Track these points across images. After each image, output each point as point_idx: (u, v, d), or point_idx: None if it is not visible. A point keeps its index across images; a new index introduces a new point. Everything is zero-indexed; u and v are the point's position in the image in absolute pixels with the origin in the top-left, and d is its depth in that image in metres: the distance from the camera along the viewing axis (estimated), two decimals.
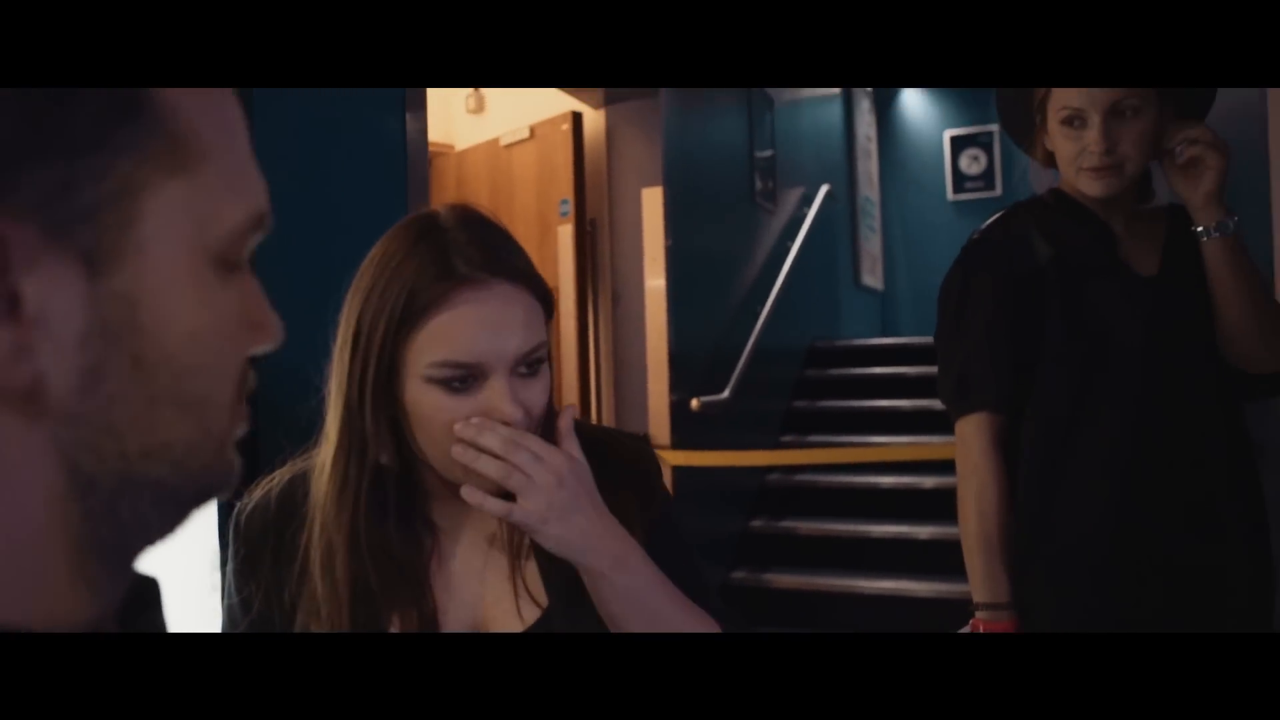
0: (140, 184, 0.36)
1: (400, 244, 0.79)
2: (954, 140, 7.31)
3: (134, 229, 0.36)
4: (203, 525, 1.36)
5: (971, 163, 7.29)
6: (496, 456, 0.76)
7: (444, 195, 3.68)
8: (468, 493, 0.77)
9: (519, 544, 0.85)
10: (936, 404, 4.97)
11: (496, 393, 0.76)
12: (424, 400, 0.77)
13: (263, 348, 0.43)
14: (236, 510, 0.87)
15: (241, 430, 0.43)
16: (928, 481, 3.92)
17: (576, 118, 3.36)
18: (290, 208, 1.66)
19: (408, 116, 2.01)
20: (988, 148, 7.21)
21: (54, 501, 0.36)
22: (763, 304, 4.30)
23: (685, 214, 3.53)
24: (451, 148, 3.91)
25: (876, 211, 7.34)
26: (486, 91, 3.92)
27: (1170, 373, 1.35)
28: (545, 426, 0.83)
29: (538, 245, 3.46)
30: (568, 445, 0.80)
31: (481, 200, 3.95)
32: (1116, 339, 1.36)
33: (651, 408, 3.41)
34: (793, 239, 4.91)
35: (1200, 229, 1.33)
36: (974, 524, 1.40)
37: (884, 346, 5.43)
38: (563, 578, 0.82)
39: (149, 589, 0.45)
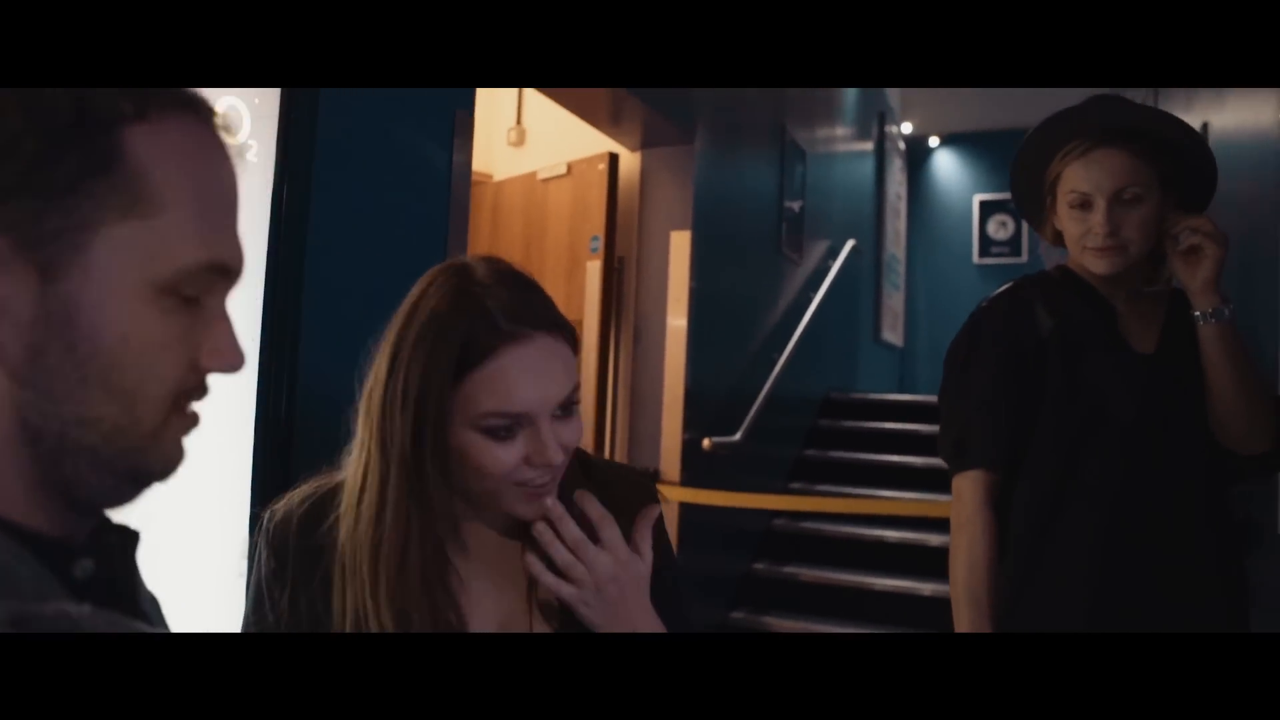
0: (98, 222, 0.49)
1: (441, 302, 0.85)
2: (983, 205, 7.39)
3: (85, 253, 0.49)
4: (232, 525, 1.44)
5: (999, 228, 7.37)
6: (567, 547, 0.87)
7: (481, 221, 3.80)
8: (530, 562, 0.88)
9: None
10: None
11: (541, 439, 0.84)
12: (472, 446, 0.84)
13: (222, 370, 0.55)
14: (265, 520, 0.93)
15: (188, 429, 0.55)
16: (934, 539, 3.95)
17: (613, 158, 3.47)
18: (344, 225, 1.76)
19: (455, 144, 2.12)
20: (1016, 214, 7.29)
21: (10, 441, 0.49)
22: (781, 351, 4.37)
23: (711, 258, 3.62)
24: (490, 177, 4.03)
25: (901, 269, 7.42)
26: (528, 127, 4.05)
27: (1158, 446, 1.41)
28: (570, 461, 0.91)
29: (566, 278, 3.56)
30: (641, 543, 0.90)
31: (516, 230, 4.04)
32: (1109, 410, 1.42)
33: (664, 444, 3.48)
34: (815, 290, 4.99)
35: (1197, 313, 1.40)
36: (963, 574, 1.46)
37: (899, 403, 5.48)
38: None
39: (125, 535, 0.57)
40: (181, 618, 1.29)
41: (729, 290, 3.89)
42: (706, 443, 3.48)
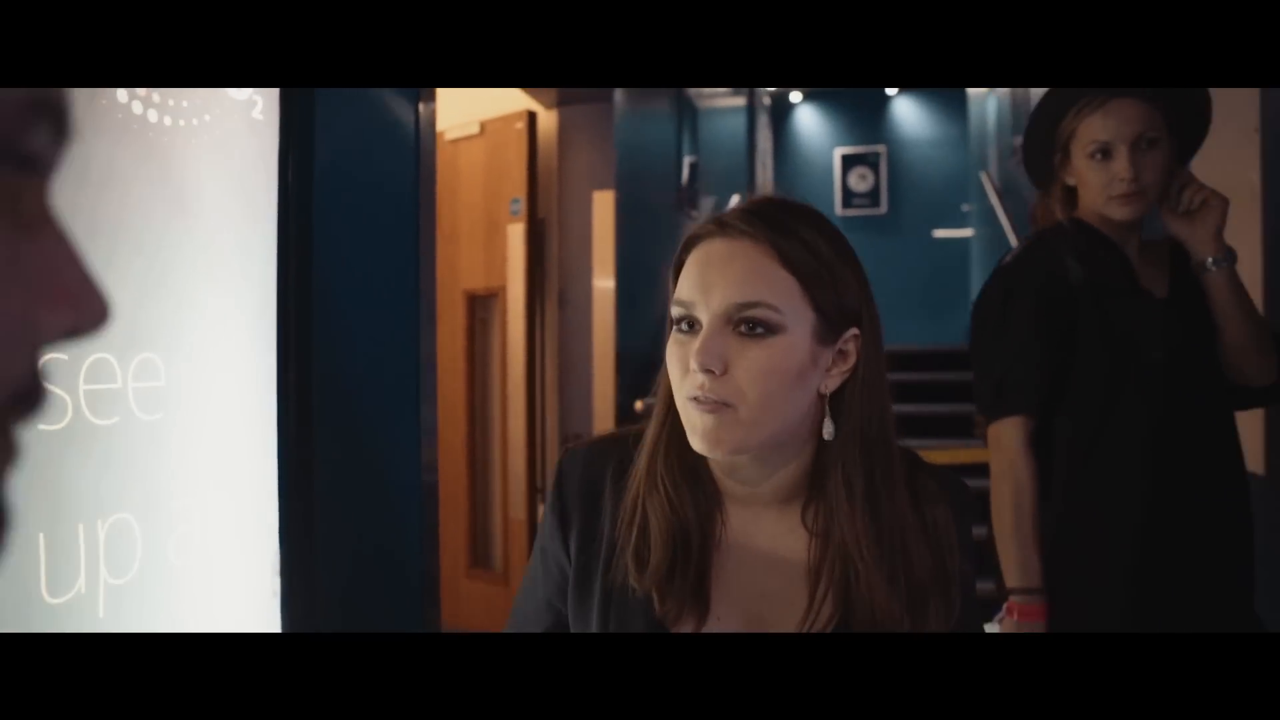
0: None
1: None
2: (844, 158, 7.64)
3: None
4: (264, 531, 1.32)
5: (860, 180, 7.64)
6: None
7: None
8: None
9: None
10: None
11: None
12: None
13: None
14: (560, 460, 0.92)
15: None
16: None
17: (531, 117, 3.35)
18: (342, 194, 1.63)
19: (420, 93, 1.98)
20: (875, 167, 7.58)
21: None
22: None
23: (631, 217, 3.57)
24: None
25: None
26: None
27: (1185, 384, 1.51)
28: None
29: (485, 243, 3.42)
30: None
31: None
32: (1139, 353, 1.51)
33: (596, 407, 3.44)
34: None
35: (1209, 260, 1.49)
36: (1010, 516, 1.51)
37: None
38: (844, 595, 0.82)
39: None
40: (221, 608, 1.17)
41: (647, 248, 3.86)
42: (639, 404, 3.45)
